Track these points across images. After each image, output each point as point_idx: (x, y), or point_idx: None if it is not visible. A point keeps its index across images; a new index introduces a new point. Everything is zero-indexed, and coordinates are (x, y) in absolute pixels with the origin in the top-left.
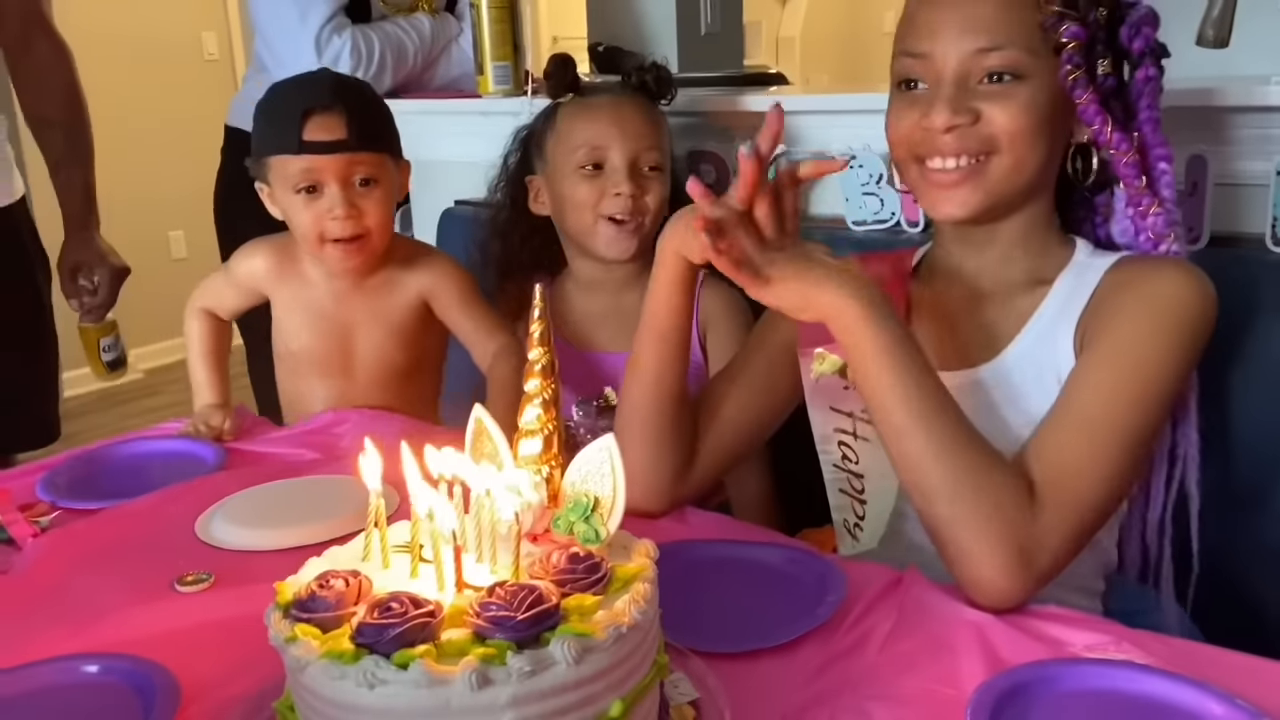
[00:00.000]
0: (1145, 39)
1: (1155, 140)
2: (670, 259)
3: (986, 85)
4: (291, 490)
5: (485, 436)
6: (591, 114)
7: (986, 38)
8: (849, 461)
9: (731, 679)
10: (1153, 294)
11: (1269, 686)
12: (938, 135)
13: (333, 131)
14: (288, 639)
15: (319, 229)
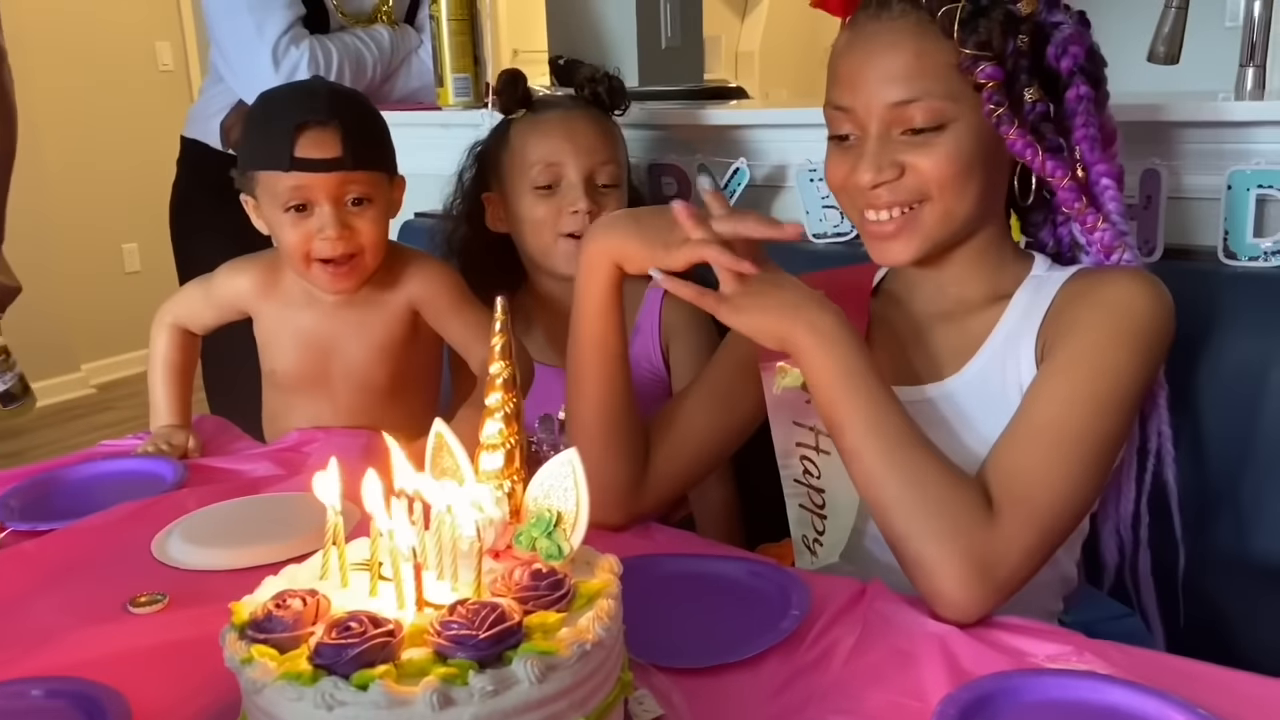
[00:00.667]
0: (1073, 58)
1: (1094, 158)
2: (603, 264)
3: (910, 136)
4: (251, 508)
5: (445, 451)
6: (544, 131)
7: (904, 90)
8: (810, 476)
9: (696, 695)
10: (1107, 302)
11: (1232, 696)
12: (867, 190)
13: (327, 149)
14: (244, 660)
15: (306, 248)
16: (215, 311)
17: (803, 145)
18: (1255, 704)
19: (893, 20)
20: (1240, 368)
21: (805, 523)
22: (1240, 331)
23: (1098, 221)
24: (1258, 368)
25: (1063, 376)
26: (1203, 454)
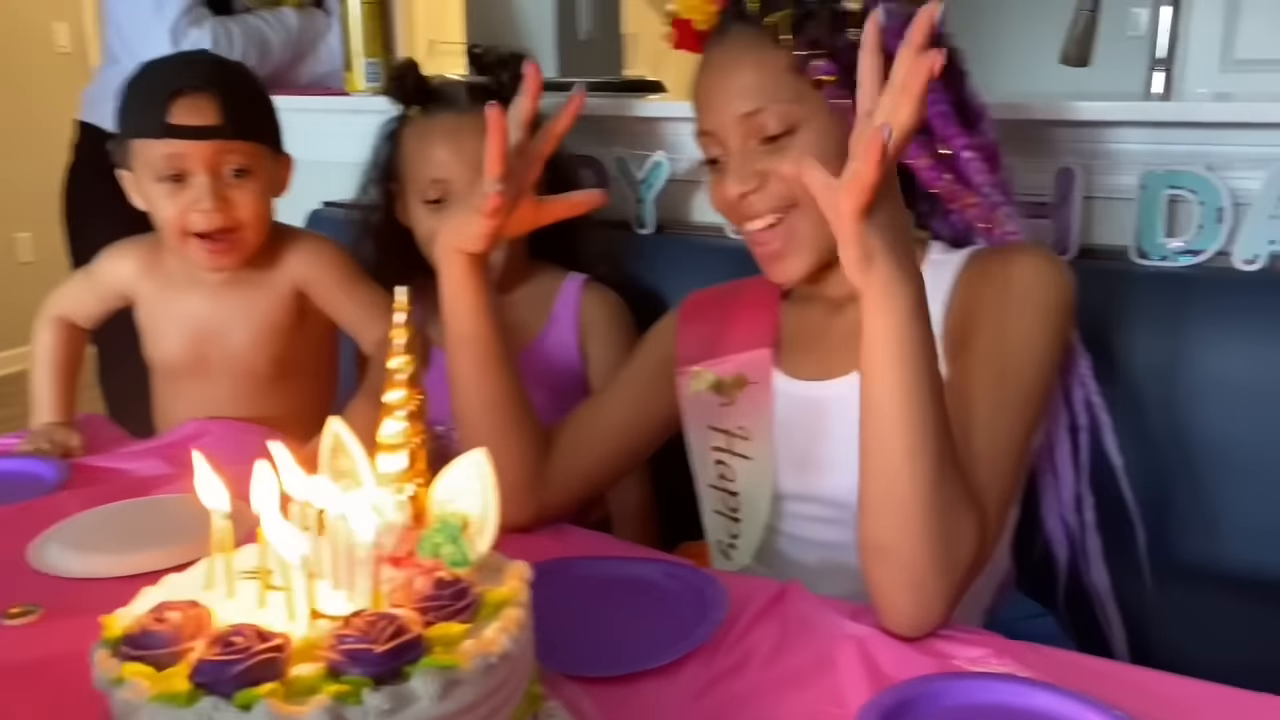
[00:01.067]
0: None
1: (950, 132)
2: (453, 259)
3: (768, 145)
4: (137, 511)
5: (343, 451)
6: (432, 140)
7: (750, 100)
8: (725, 480)
9: (610, 705)
10: (1009, 284)
11: (1146, 695)
12: (738, 204)
13: (203, 115)
14: (114, 680)
15: (182, 222)
16: (99, 301)
17: None
18: (1169, 702)
19: (733, 40)
20: (1149, 367)
21: (720, 528)
22: (1150, 331)
23: (967, 196)
24: (1166, 367)
25: (988, 375)
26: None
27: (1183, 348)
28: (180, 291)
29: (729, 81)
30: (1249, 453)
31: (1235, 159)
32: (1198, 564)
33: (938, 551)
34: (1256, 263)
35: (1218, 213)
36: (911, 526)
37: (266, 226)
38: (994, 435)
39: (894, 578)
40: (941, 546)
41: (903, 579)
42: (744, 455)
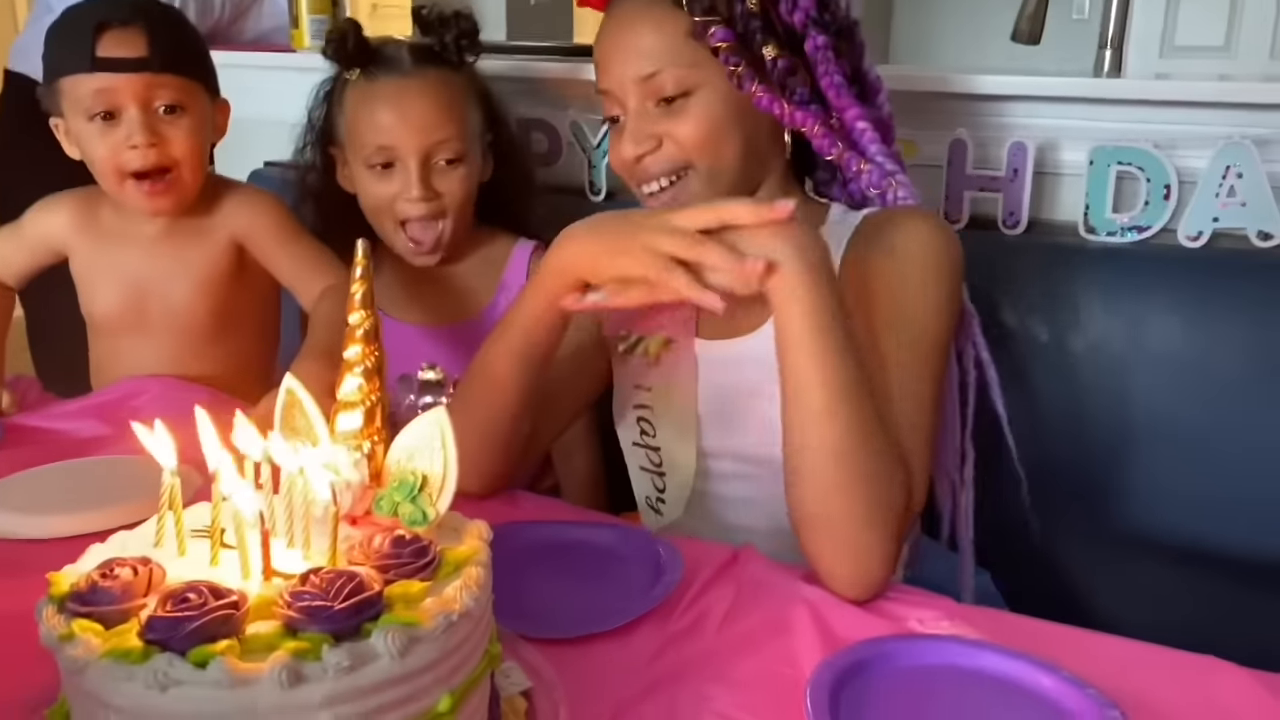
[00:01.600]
0: (804, 11)
1: (843, 103)
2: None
3: (664, 107)
4: (77, 471)
5: (298, 409)
6: (376, 105)
7: (646, 64)
8: (647, 436)
9: (566, 666)
10: (903, 250)
11: (1090, 656)
12: (633, 165)
13: (131, 48)
14: (62, 636)
15: (116, 160)
16: (28, 255)
17: None
18: (1111, 662)
19: (633, 2)
20: (1095, 341)
21: (646, 483)
22: (1096, 306)
23: (860, 163)
24: (1111, 341)
25: (889, 338)
26: (1060, 425)
27: (1128, 322)
28: (116, 244)
29: (628, 41)
30: (1188, 425)
31: (1182, 138)
32: (1138, 532)
33: (870, 512)
34: (1200, 239)
35: (1164, 190)
36: (840, 491)
37: (203, 168)
38: (907, 396)
39: (830, 544)
40: (873, 507)
41: (839, 544)
42: (666, 412)
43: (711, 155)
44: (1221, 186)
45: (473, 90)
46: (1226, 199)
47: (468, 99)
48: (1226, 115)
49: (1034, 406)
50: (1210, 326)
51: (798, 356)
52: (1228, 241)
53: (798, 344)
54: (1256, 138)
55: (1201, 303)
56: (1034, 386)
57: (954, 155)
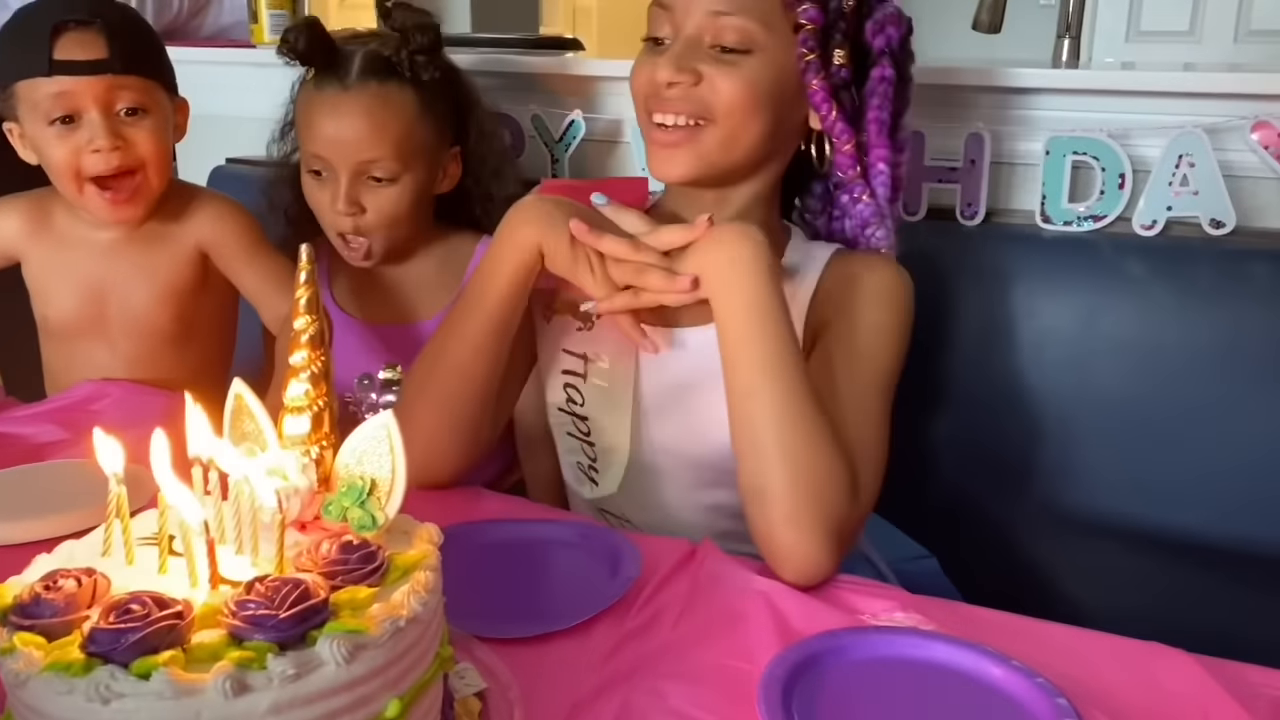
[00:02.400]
0: (888, 38)
1: (878, 141)
2: (530, 250)
3: (717, 52)
4: (30, 476)
5: (246, 414)
6: (315, 113)
7: (725, 1)
8: (574, 404)
9: (521, 666)
10: (878, 291)
11: (1044, 646)
12: (662, 89)
13: (90, 50)
14: (4, 650)
15: (76, 164)
16: None
17: None
18: (1066, 653)
19: None
20: (1051, 329)
21: (576, 450)
22: (1053, 294)
23: (864, 194)
24: (1068, 329)
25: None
26: (1017, 411)
27: (1084, 310)
28: (74, 249)
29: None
30: (1143, 410)
31: (1136, 127)
32: (1093, 518)
33: (806, 486)
34: (1154, 228)
35: (1119, 179)
36: (777, 463)
37: (167, 172)
38: (860, 412)
39: (769, 516)
40: (805, 478)
41: (777, 516)
42: (598, 383)
43: (736, 122)
44: (1175, 175)
45: (425, 105)
46: (1180, 188)
47: (416, 115)
48: (1181, 104)
49: (991, 394)
50: (1165, 314)
51: (731, 338)
52: (1181, 230)
53: (730, 326)
54: (1209, 126)
55: (1156, 290)
56: (991, 374)
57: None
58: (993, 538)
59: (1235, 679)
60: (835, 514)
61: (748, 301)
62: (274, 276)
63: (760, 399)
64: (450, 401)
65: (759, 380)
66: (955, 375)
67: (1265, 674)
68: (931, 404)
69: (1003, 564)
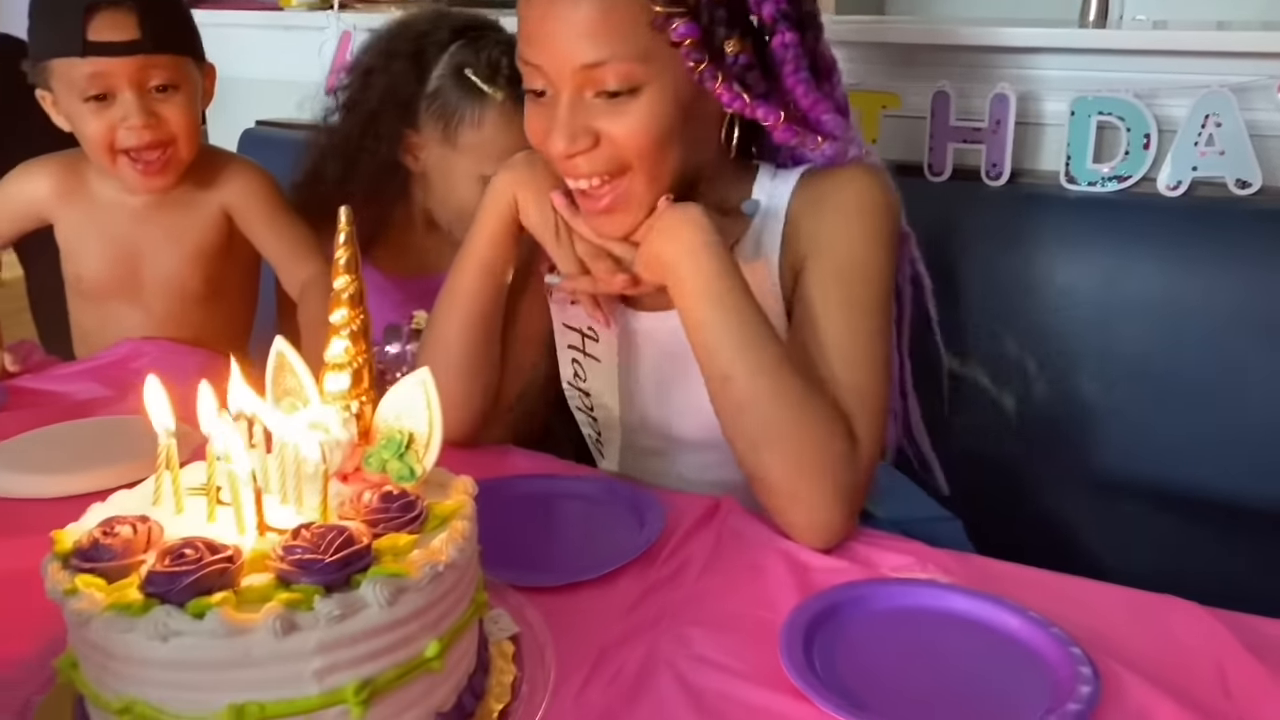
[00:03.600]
0: (775, 4)
1: (810, 100)
2: (506, 198)
3: (605, 100)
4: (78, 432)
5: (288, 370)
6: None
7: (593, 50)
8: (579, 379)
9: (552, 612)
10: (848, 204)
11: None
12: (563, 160)
13: (123, 30)
14: (67, 591)
15: (110, 139)
16: (9, 222)
17: None
18: (1078, 604)
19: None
20: (1077, 289)
21: (585, 423)
22: (1077, 255)
23: (818, 143)
24: (1092, 290)
25: (841, 288)
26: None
27: (1108, 271)
28: (105, 212)
29: (571, 19)
30: (1166, 371)
31: (1162, 87)
32: (1114, 476)
33: (800, 460)
34: (1179, 189)
35: (1144, 139)
36: (765, 445)
37: (197, 141)
38: (851, 347)
39: (772, 497)
40: (803, 455)
41: (780, 496)
42: (593, 356)
43: (653, 160)
44: (1201, 135)
45: None
46: (1205, 148)
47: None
48: (1208, 64)
49: (1015, 354)
50: (1189, 275)
51: (694, 324)
52: (1207, 190)
53: (691, 313)
54: (1235, 86)
55: (1181, 251)
56: (1014, 335)
57: (937, 107)
58: (1013, 498)
59: (1250, 631)
60: (838, 478)
61: (702, 286)
62: (294, 241)
63: (737, 383)
64: (453, 351)
65: (731, 363)
66: (979, 336)
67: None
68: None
69: (1022, 523)
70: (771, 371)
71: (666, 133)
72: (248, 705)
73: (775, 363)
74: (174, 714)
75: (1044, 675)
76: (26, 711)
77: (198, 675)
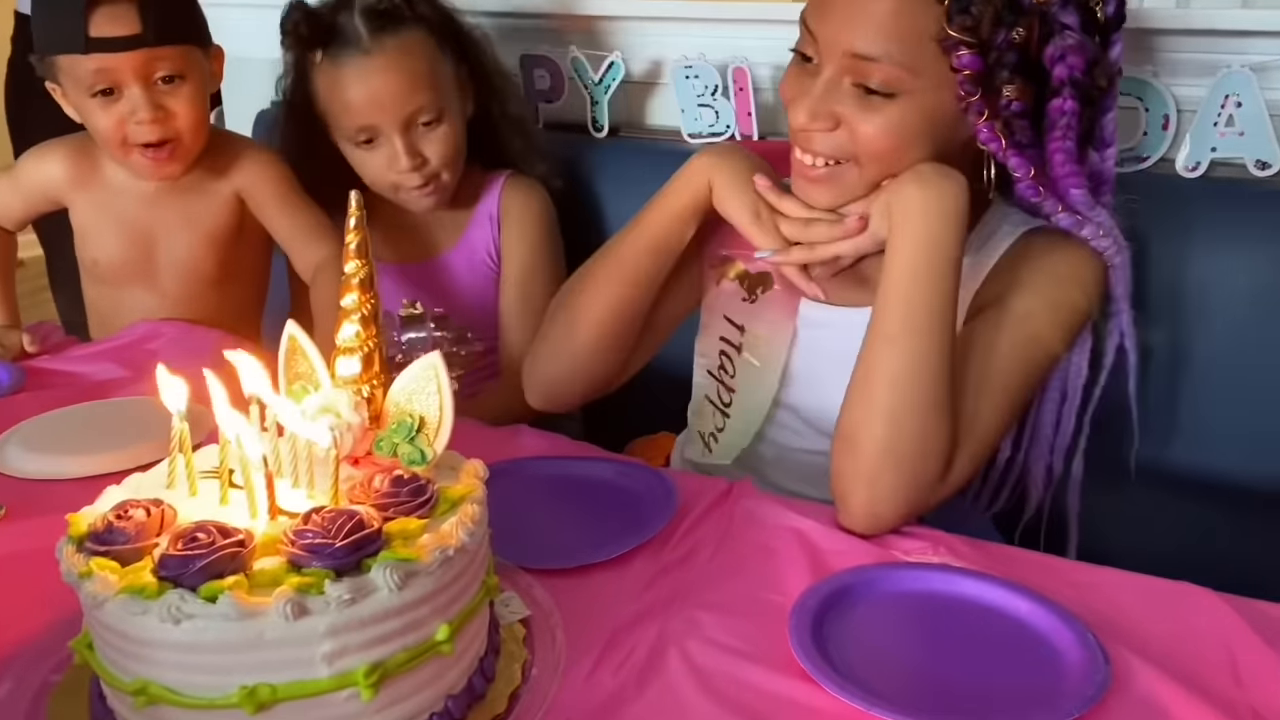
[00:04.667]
0: (1069, 68)
1: (1065, 171)
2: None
3: (860, 92)
4: (95, 413)
5: (300, 354)
6: (345, 88)
7: (870, 43)
8: (725, 373)
9: (563, 595)
10: (1054, 271)
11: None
12: (798, 129)
13: (124, 25)
14: (82, 574)
15: (121, 134)
16: (23, 202)
17: (680, 40)
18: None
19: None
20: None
21: (708, 416)
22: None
23: (1058, 209)
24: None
25: (1007, 337)
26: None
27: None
28: (119, 196)
29: (869, 5)
30: (1185, 354)
31: (1181, 66)
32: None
33: (897, 447)
34: (1198, 170)
35: (1163, 119)
36: (877, 415)
37: (206, 129)
38: (994, 389)
39: (853, 467)
40: (901, 444)
41: (860, 470)
42: (751, 360)
43: (881, 165)
44: (1220, 116)
45: (435, 40)
46: (1225, 129)
47: (435, 54)
48: (1229, 43)
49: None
50: (1208, 257)
51: (894, 273)
52: (1225, 171)
53: (897, 261)
54: (1256, 65)
55: (1200, 233)
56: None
57: None
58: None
59: (1262, 616)
60: (918, 486)
61: (924, 239)
62: (305, 224)
63: (894, 348)
64: (602, 315)
65: (900, 329)
66: None
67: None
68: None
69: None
70: (928, 357)
71: (906, 145)
72: (259, 687)
73: (936, 351)
74: (187, 695)
75: (1054, 661)
76: (44, 691)
77: (210, 658)
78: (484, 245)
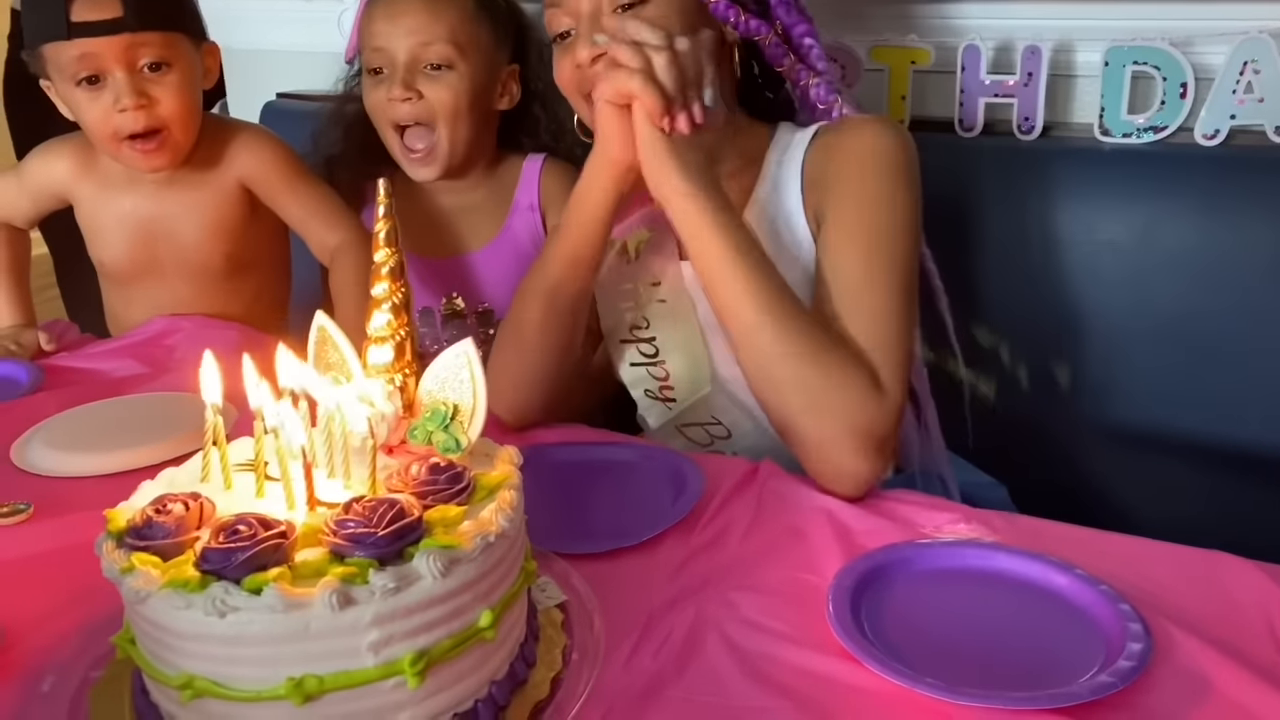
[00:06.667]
0: None
1: (792, 19)
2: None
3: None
4: (117, 409)
5: (330, 345)
6: (375, 15)
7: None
8: (638, 329)
9: (597, 579)
10: (860, 153)
11: (1098, 554)
12: (586, 70)
13: (105, 9)
14: (124, 570)
15: (109, 125)
16: (31, 200)
17: None
18: (1122, 560)
19: None
20: (1111, 242)
21: (643, 377)
22: (1112, 207)
23: (810, 77)
24: (1127, 242)
25: (856, 234)
26: (1078, 325)
27: (1145, 223)
28: (121, 191)
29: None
30: (1204, 322)
31: (1199, 34)
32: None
33: (819, 401)
34: (1217, 138)
35: (1181, 88)
36: (791, 392)
37: (196, 121)
38: (873, 298)
39: (802, 446)
40: (821, 397)
41: (809, 445)
42: (660, 299)
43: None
44: (1239, 83)
45: (481, 5)
46: (1244, 95)
47: (472, 14)
48: (1246, 8)
49: (1052, 308)
50: (1228, 225)
51: (713, 285)
52: (1245, 139)
53: (700, 271)
54: (1276, 31)
55: (1219, 202)
56: (1049, 291)
57: (967, 61)
58: (1049, 453)
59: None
60: (863, 427)
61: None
62: (316, 205)
63: (757, 334)
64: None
65: (752, 315)
66: (1013, 293)
67: None
68: (988, 321)
69: (1059, 479)
70: (788, 319)
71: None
72: (306, 678)
73: (792, 305)
74: (233, 688)
75: (1094, 633)
76: (84, 687)
77: (256, 650)
78: (529, 235)
